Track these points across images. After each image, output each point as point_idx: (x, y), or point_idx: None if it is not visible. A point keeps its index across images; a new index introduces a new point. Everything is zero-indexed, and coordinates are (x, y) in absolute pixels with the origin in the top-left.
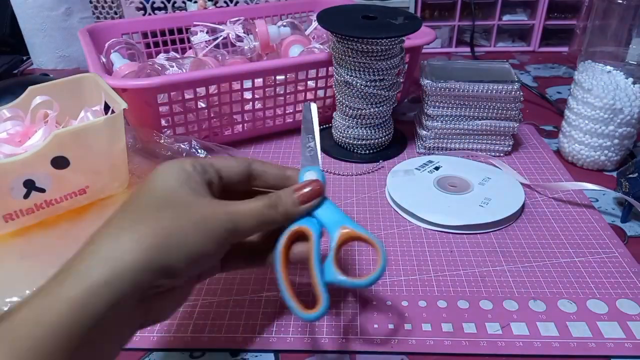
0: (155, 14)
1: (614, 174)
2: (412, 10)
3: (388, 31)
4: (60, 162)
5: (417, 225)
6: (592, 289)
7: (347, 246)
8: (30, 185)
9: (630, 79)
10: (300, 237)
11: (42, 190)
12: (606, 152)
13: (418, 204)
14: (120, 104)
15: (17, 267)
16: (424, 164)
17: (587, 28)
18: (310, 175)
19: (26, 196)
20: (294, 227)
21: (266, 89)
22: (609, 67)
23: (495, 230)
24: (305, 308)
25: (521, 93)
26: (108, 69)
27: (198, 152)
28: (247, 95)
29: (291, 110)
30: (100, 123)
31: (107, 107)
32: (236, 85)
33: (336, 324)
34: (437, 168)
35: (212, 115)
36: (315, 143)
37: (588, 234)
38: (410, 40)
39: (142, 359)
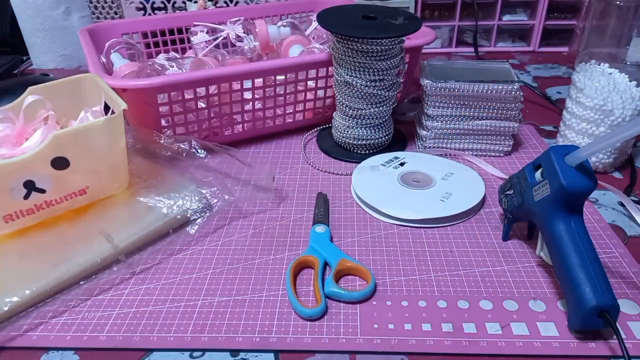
0: (155, 14)
1: (616, 174)
2: (412, 10)
3: (388, 31)
4: (60, 163)
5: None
6: None
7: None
8: (30, 186)
9: (634, 82)
10: (307, 264)
11: (42, 191)
12: (598, 153)
13: (381, 199)
14: (120, 105)
15: (17, 267)
16: (390, 160)
17: (585, 29)
18: None
19: (26, 197)
20: (303, 255)
21: (266, 89)
22: (610, 69)
23: (460, 223)
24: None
25: (521, 93)
26: (108, 69)
27: (198, 152)
28: (247, 95)
29: (291, 110)
30: (100, 124)
31: (107, 108)
32: (236, 85)
33: (336, 324)
34: (402, 164)
35: (212, 115)
36: None
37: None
38: (410, 40)
39: (142, 359)
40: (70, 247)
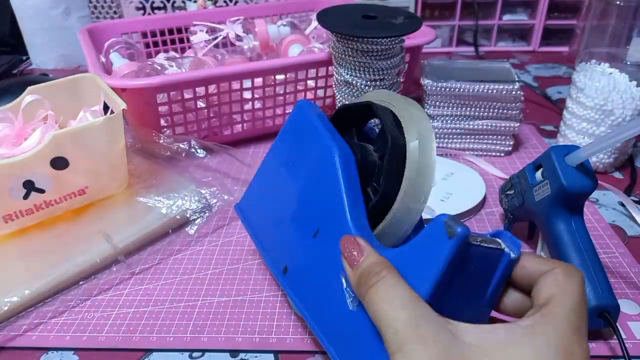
0: (154, 13)
1: (616, 174)
2: (412, 9)
3: (388, 31)
4: (59, 163)
5: None
6: None
7: None
8: (29, 186)
9: (634, 82)
10: None
11: (42, 191)
12: (598, 153)
13: None
14: (119, 104)
15: (17, 267)
16: None
17: (585, 28)
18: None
19: (25, 197)
20: None
21: (266, 89)
22: (611, 69)
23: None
24: None
25: (521, 93)
26: (107, 69)
27: (197, 152)
28: (247, 95)
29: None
30: (99, 124)
31: (106, 107)
32: (236, 85)
33: None
34: None
35: (211, 115)
36: None
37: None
38: (411, 40)
39: (142, 359)
40: (69, 248)
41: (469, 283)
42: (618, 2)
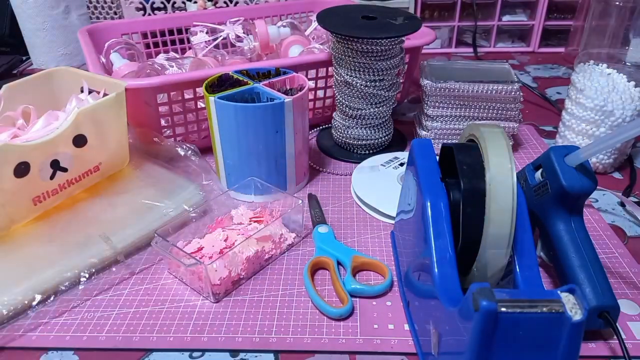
0: (155, 14)
1: (616, 174)
2: (412, 10)
3: (388, 31)
4: (79, 140)
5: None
6: None
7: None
8: (55, 166)
9: (632, 82)
10: (321, 265)
11: (65, 170)
12: (598, 154)
13: (381, 199)
14: (120, 84)
15: (16, 269)
16: (390, 160)
17: (584, 29)
18: None
19: (52, 177)
20: (316, 257)
21: None
22: (609, 70)
23: None
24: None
25: (521, 93)
26: (108, 69)
27: (197, 154)
28: None
29: None
30: (111, 100)
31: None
32: None
33: (336, 324)
34: (402, 164)
35: None
36: None
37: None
38: (410, 41)
39: (142, 359)
40: (69, 248)
41: (529, 355)
42: (617, 3)
